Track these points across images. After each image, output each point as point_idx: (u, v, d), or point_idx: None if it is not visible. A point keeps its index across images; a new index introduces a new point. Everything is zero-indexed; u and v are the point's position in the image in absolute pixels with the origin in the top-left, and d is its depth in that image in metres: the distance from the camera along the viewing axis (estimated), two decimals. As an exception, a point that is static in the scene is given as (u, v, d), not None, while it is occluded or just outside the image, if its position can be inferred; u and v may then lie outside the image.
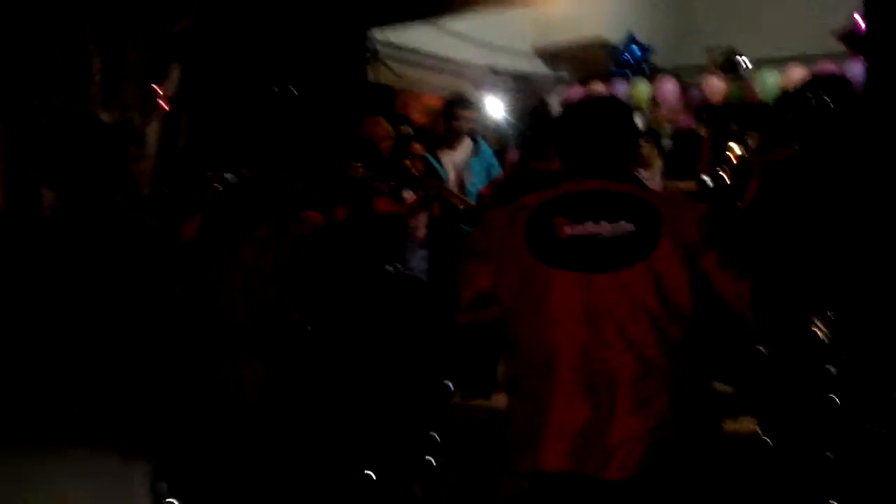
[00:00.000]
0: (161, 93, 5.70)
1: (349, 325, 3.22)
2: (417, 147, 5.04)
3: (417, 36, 6.89)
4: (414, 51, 6.97)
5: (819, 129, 2.92)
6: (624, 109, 2.28)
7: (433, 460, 3.07)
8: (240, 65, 5.73)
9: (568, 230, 2.01)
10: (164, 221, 4.26)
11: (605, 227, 1.99)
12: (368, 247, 3.89)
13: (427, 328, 3.22)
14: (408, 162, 4.89)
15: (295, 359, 3.13)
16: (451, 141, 5.47)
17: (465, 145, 5.48)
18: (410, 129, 5.82)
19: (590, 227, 2.00)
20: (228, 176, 4.44)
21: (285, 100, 5.77)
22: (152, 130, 5.63)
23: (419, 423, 3.13)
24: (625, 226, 1.98)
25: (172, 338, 3.21)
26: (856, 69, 5.42)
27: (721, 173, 3.83)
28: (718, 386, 2.97)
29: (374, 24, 6.20)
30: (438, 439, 3.09)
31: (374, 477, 2.93)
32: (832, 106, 2.87)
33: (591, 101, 2.45)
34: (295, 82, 5.78)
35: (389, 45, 6.62)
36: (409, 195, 4.87)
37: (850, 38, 6.32)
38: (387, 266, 3.35)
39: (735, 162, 3.85)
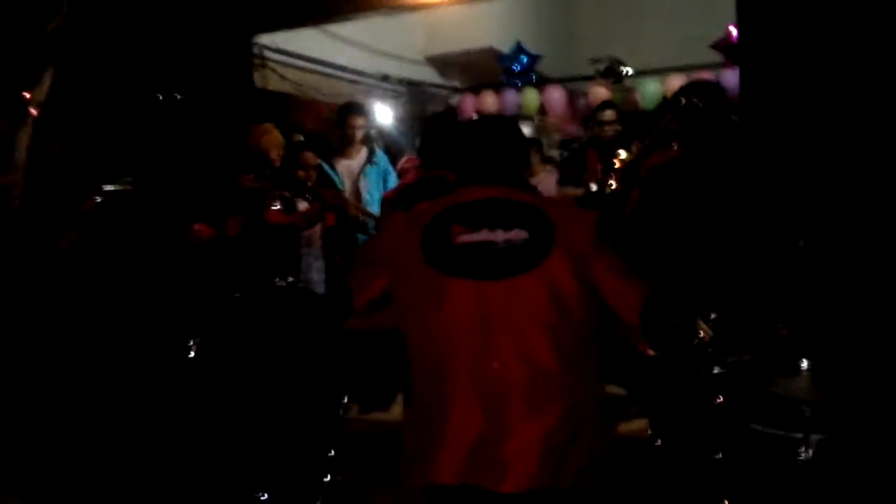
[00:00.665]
0: (30, 98, 5.35)
1: (239, 341, 3.10)
2: (309, 156, 4.90)
3: (307, 41, 6.76)
4: (304, 57, 6.83)
5: (694, 132, 3.04)
6: (513, 122, 2.33)
7: (330, 478, 2.99)
8: (117, 69, 5.44)
9: (463, 238, 2.00)
10: (37, 235, 4.00)
11: (499, 235, 1.99)
12: (260, 260, 3.76)
13: (320, 341, 3.15)
14: (301, 172, 4.75)
15: (180, 379, 2.99)
16: (345, 148, 5.40)
17: (361, 153, 5.42)
18: (301, 137, 5.69)
19: (484, 235, 2.00)
20: (108, 187, 4.22)
21: (168, 106, 5.53)
22: (22, 139, 5.27)
23: (315, 440, 3.05)
24: (519, 234, 1.98)
25: (41, 361, 3.00)
26: (731, 78, 5.72)
27: (609, 180, 3.93)
28: (612, 388, 3.05)
29: (261, 28, 6.03)
30: (334, 456, 3.01)
31: (269, 498, 2.83)
32: (703, 108, 3.00)
33: (483, 116, 2.49)
34: (177, 88, 5.54)
35: (278, 50, 6.47)
36: (302, 205, 4.75)
37: (726, 48, 6.65)
38: (278, 279, 3.24)
39: (620, 167, 3.96)
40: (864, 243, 3.29)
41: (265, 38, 6.26)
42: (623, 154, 4.07)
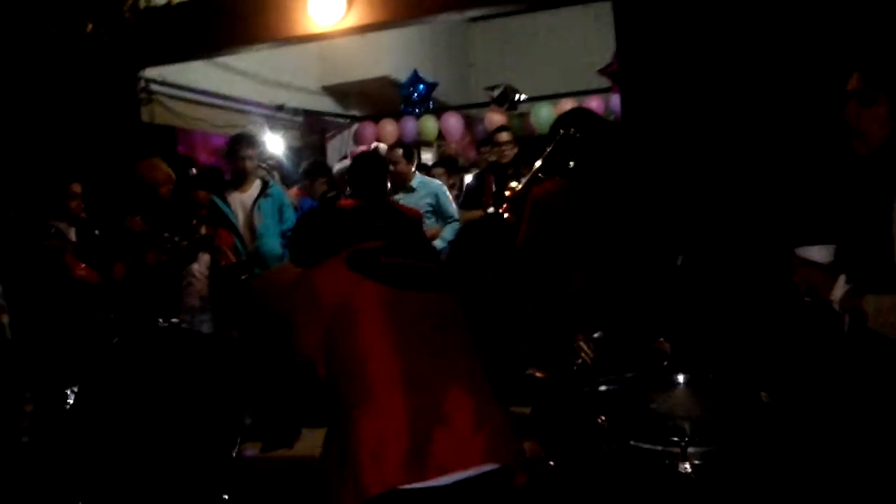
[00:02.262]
0: None
1: (120, 387, 2.96)
2: (202, 195, 4.71)
3: (198, 73, 6.64)
4: (194, 89, 6.69)
5: (576, 160, 3.11)
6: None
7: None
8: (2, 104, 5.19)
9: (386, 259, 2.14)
10: None
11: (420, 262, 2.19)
12: (143, 303, 3.60)
13: (210, 381, 3.05)
14: (195, 222, 4.56)
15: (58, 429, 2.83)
16: (238, 181, 5.29)
17: (254, 185, 5.32)
18: (193, 171, 5.55)
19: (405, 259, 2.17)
20: None
21: (55, 142, 5.30)
22: None
23: (206, 483, 2.92)
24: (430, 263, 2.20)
25: None
26: (616, 101, 5.95)
27: (500, 207, 3.97)
28: (516, 408, 3.06)
29: (148, 62, 5.88)
30: (229, 499, 2.90)
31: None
32: (581, 137, 3.07)
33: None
34: (62, 124, 5.33)
35: (165, 83, 6.31)
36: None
37: (613, 73, 6.89)
38: (160, 321, 3.12)
39: (510, 195, 4.01)
40: (740, 260, 3.44)
41: (151, 72, 6.10)
42: (514, 183, 4.15)
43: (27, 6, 5.24)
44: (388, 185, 4.75)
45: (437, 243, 5.54)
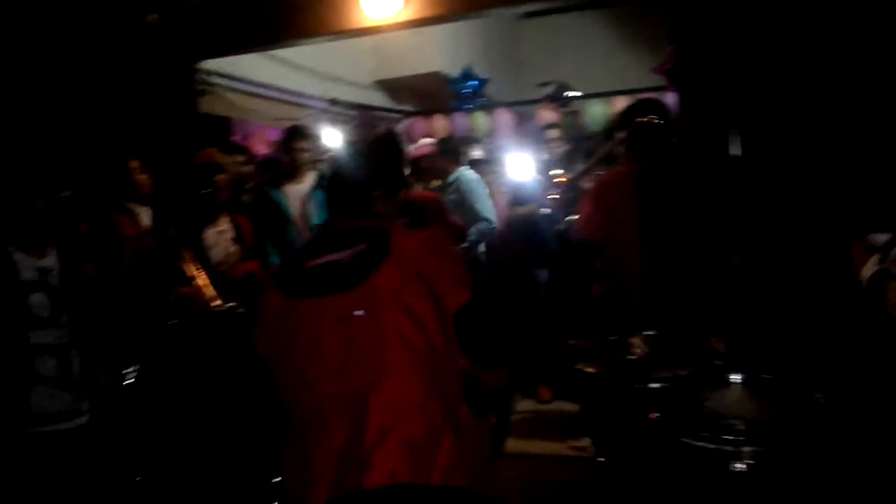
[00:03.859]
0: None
1: (180, 368, 3.03)
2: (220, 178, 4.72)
3: (254, 66, 6.74)
4: (251, 81, 6.80)
5: (651, 148, 3.10)
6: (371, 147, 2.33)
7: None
8: (56, 102, 5.34)
9: (311, 263, 2.05)
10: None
11: (343, 254, 2.02)
12: None
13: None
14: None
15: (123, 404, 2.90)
16: (294, 173, 5.36)
17: (310, 177, 5.39)
18: (241, 159, 5.65)
19: (329, 257, 2.04)
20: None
21: (115, 132, 5.44)
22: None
23: (262, 470, 2.96)
24: (359, 247, 2.02)
25: None
26: (671, 99, 5.87)
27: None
28: (565, 405, 3.03)
29: (206, 54, 6.00)
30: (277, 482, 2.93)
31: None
32: (662, 124, 3.06)
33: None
34: (117, 114, 5.47)
35: (223, 75, 6.43)
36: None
37: (668, 71, 6.80)
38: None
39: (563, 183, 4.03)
40: (796, 259, 3.38)
41: (211, 63, 6.22)
42: (558, 171, 4.18)
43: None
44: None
45: None
